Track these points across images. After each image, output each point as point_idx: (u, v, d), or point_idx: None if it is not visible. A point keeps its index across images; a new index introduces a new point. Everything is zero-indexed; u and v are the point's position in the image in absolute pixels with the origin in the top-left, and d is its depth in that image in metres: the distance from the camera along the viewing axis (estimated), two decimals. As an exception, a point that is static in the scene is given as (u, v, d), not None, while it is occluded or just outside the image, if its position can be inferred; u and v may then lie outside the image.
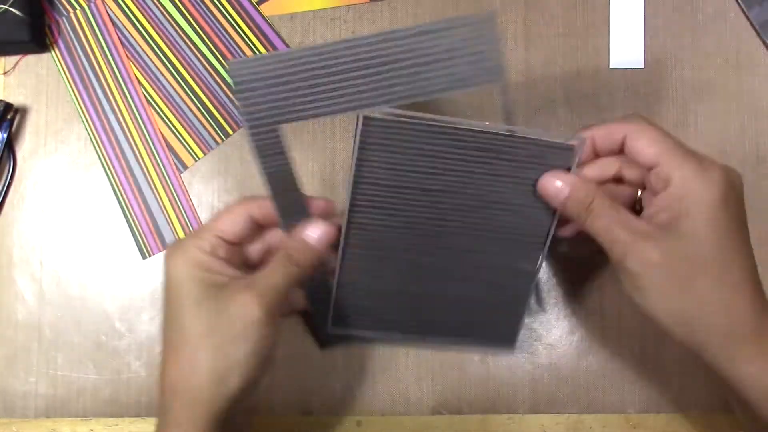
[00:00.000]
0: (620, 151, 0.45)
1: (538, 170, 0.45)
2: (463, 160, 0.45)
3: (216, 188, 0.56)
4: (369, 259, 0.49)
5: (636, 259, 0.41)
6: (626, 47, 0.56)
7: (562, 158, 0.45)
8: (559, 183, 0.45)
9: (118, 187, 0.56)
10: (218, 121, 0.56)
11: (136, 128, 0.56)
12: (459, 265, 0.49)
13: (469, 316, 0.51)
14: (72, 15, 0.57)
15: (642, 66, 0.56)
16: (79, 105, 0.56)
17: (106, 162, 0.56)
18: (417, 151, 0.45)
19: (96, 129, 0.56)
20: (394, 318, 0.52)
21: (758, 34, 0.56)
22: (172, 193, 0.56)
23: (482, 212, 0.47)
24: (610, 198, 0.44)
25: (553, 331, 0.54)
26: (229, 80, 0.56)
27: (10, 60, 0.57)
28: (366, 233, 0.48)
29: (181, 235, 0.56)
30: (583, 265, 0.55)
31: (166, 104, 0.56)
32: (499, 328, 0.52)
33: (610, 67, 0.56)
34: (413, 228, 0.48)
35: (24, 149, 0.56)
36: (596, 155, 0.46)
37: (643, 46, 0.56)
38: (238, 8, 0.56)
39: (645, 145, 0.43)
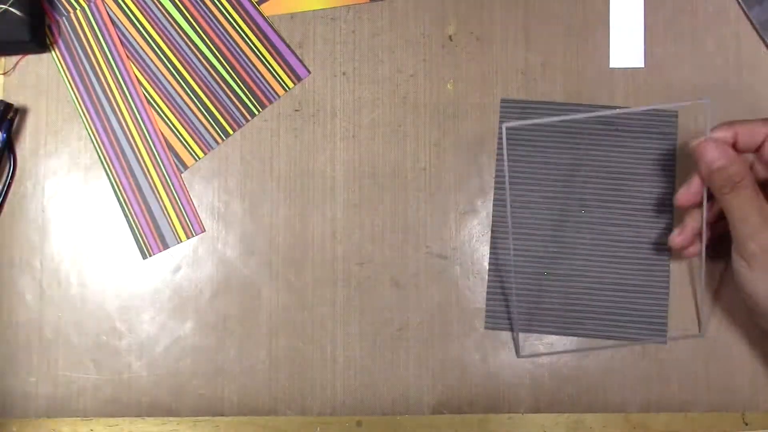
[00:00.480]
0: (758, 149, 0.48)
1: (652, 138, 0.54)
2: (589, 134, 0.54)
3: (216, 188, 0.56)
4: (517, 238, 0.54)
5: (759, 242, 0.45)
6: (627, 47, 0.56)
7: (669, 125, 0.53)
8: (716, 153, 0.47)
9: (118, 186, 0.56)
10: (218, 121, 0.56)
11: (136, 128, 0.56)
12: (600, 240, 0.54)
13: (617, 301, 0.54)
14: (72, 15, 0.57)
15: (642, 65, 0.56)
16: (79, 105, 0.56)
17: (107, 161, 0.56)
18: (551, 127, 0.54)
19: (96, 129, 0.56)
20: (547, 306, 0.54)
21: (758, 33, 0.56)
22: (173, 193, 0.56)
23: (612, 183, 0.54)
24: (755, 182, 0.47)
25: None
26: (229, 81, 0.56)
27: (11, 60, 0.57)
28: (514, 210, 0.54)
29: (181, 234, 0.56)
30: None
31: (166, 104, 0.56)
32: (647, 314, 0.54)
33: (611, 66, 0.56)
34: (556, 203, 0.54)
35: (24, 149, 0.56)
36: (736, 150, 0.48)
37: (643, 46, 0.56)
38: (239, 8, 0.56)
39: None
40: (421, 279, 0.55)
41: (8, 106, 0.55)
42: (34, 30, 0.55)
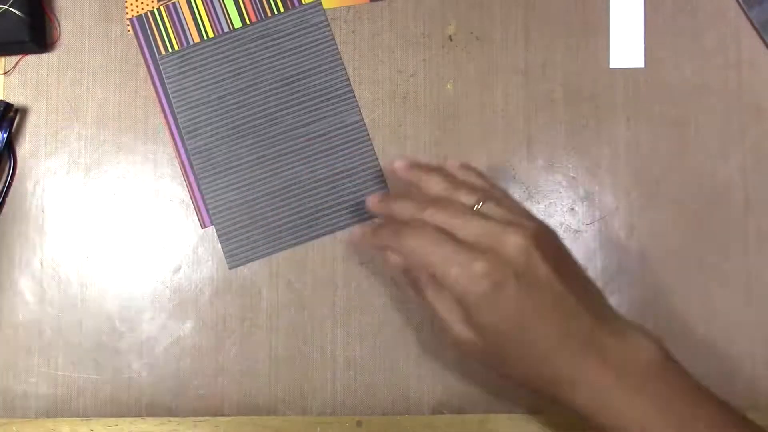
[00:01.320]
0: None
1: (307, 32, 0.56)
2: (249, 53, 0.56)
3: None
4: (224, 175, 0.55)
5: (456, 343, 0.44)
6: (627, 47, 0.56)
7: (316, 15, 0.55)
8: (395, 258, 0.45)
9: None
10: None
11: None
12: (299, 143, 0.55)
13: (338, 190, 0.55)
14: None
15: (642, 65, 0.56)
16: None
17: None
18: (214, 63, 0.56)
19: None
20: (281, 223, 0.55)
21: (758, 33, 0.56)
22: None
23: (287, 89, 0.56)
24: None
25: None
26: None
27: (11, 60, 0.57)
28: (210, 152, 0.55)
29: None
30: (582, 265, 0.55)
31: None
32: (370, 190, 0.55)
33: (611, 66, 0.56)
34: (245, 129, 0.55)
35: (24, 149, 0.56)
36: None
37: (643, 46, 0.56)
38: None
39: (413, 262, 0.44)
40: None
41: (8, 106, 0.55)
42: (34, 30, 0.55)
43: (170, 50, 0.56)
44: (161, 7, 0.56)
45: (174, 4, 0.56)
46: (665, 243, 0.55)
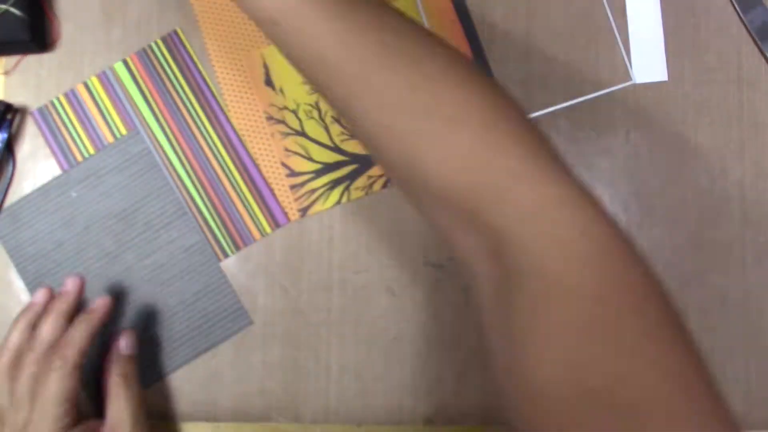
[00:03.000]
0: None
1: (131, 163, 0.55)
2: (80, 196, 0.55)
3: (214, 193, 0.56)
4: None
5: None
6: (648, 61, 0.55)
7: (136, 143, 0.54)
8: None
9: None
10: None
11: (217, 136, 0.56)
12: (147, 274, 0.55)
13: (196, 313, 0.55)
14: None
15: (666, 78, 0.55)
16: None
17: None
18: (44, 214, 0.55)
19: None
20: (142, 361, 0.53)
21: (754, 40, 0.55)
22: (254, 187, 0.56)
23: (122, 224, 0.55)
24: None
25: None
26: (207, 216, 0.55)
27: (11, 60, 0.57)
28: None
29: (266, 228, 0.55)
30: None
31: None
32: (225, 309, 0.55)
33: (635, 82, 0.55)
34: (89, 274, 0.54)
35: (24, 149, 0.56)
36: None
37: (665, 59, 0.55)
38: (227, 146, 0.55)
39: None
40: (416, 288, 0.55)
41: (8, 107, 0.55)
42: (34, 30, 0.55)
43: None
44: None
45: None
46: (663, 257, 0.55)
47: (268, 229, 0.55)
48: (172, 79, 0.56)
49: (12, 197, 0.55)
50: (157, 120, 0.55)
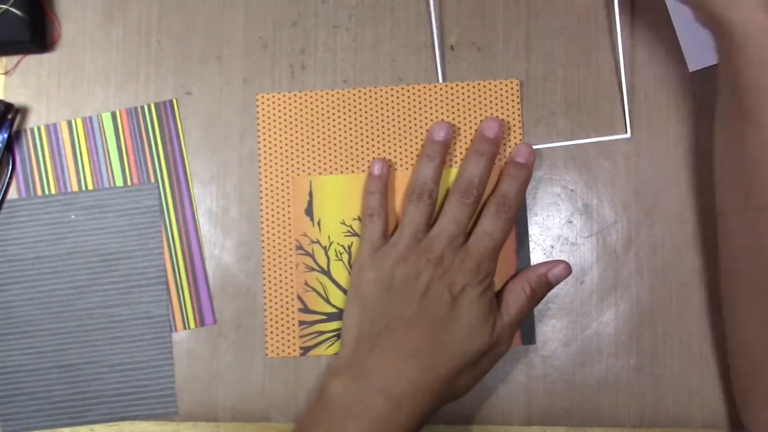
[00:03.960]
0: None
1: (136, 213, 0.54)
2: (76, 221, 0.54)
3: (214, 192, 0.56)
4: (21, 337, 0.54)
5: None
6: (699, 47, 0.54)
7: (151, 197, 0.53)
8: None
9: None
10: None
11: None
12: (100, 323, 0.54)
13: (125, 381, 0.54)
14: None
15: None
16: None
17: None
18: (38, 222, 0.54)
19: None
20: (63, 400, 0.53)
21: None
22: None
23: (103, 265, 0.54)
24: None
25: (548, 344, 0.54)
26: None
27: (11, 60, 0.57)
28: (12, 310, 0.54)
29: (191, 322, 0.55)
30: (578, 279, 0.55)
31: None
32: (155, 388, 0.54)
33: (690, 70, 0.54)
34: (54, 296, 0.54)
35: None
36: None
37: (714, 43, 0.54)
38: (182, 234, 0.55)
39: None
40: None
41: (9, 106, 0.55)
42: (34, 30, 0.55)
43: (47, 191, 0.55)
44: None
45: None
46: (663, 258, 0.55)
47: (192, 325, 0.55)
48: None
49: (12, 196, 0.55)
50: (169, 185, 0.55)
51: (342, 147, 0.55)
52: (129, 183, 0.55)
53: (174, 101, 0.56)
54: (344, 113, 0.55)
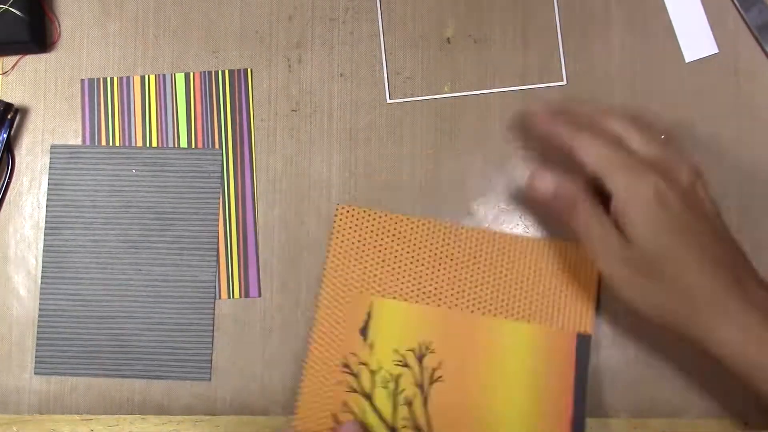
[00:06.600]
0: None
1: (197, 177, 0.54)
2: (136, 176, 0.54)
3: (212, 188, 0.56)
4: (67, 282, 0.54)
5: (605, 264, 0.46)
6: (695, 38, 0.55)
7: (213, 163, 0.53)
8: (546, 182, 0.48)
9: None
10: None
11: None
12: (147, 280, 0.54)
13: (163, 341, 0.54)
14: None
15: (717, 50, 0.55)
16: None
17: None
18: (99, 171, 0.55)
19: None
20: (100, 350, 0.54)
21: (756, 38, 0.55)
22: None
23: (158, 223, 0.54)
24: (593, 199, 0.46)
25: (548, 335, 0.54)
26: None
27: (10, 60, 0.57)
28: (62, 255, 0.54)
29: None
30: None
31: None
32: (192, 353, 0.54)
33: (686, 61, 0.55)
34: (104, 246, 0.54)
35: (22, 148, 0.56)
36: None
37: (711, 33, 0.55)
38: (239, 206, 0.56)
39: (585, 157, 0.46)
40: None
41: (8, 106, 0.55)
42: (34, 30, 0.55)
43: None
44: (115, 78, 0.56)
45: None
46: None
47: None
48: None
49: (76, 142, 0.56)
50: (233, 154, 0.56)
51: (411, 275, 0.53)
52: (193, 146, 0.55)
53: (249, 70, 0.56)
54: (421, 242, 0.54)
